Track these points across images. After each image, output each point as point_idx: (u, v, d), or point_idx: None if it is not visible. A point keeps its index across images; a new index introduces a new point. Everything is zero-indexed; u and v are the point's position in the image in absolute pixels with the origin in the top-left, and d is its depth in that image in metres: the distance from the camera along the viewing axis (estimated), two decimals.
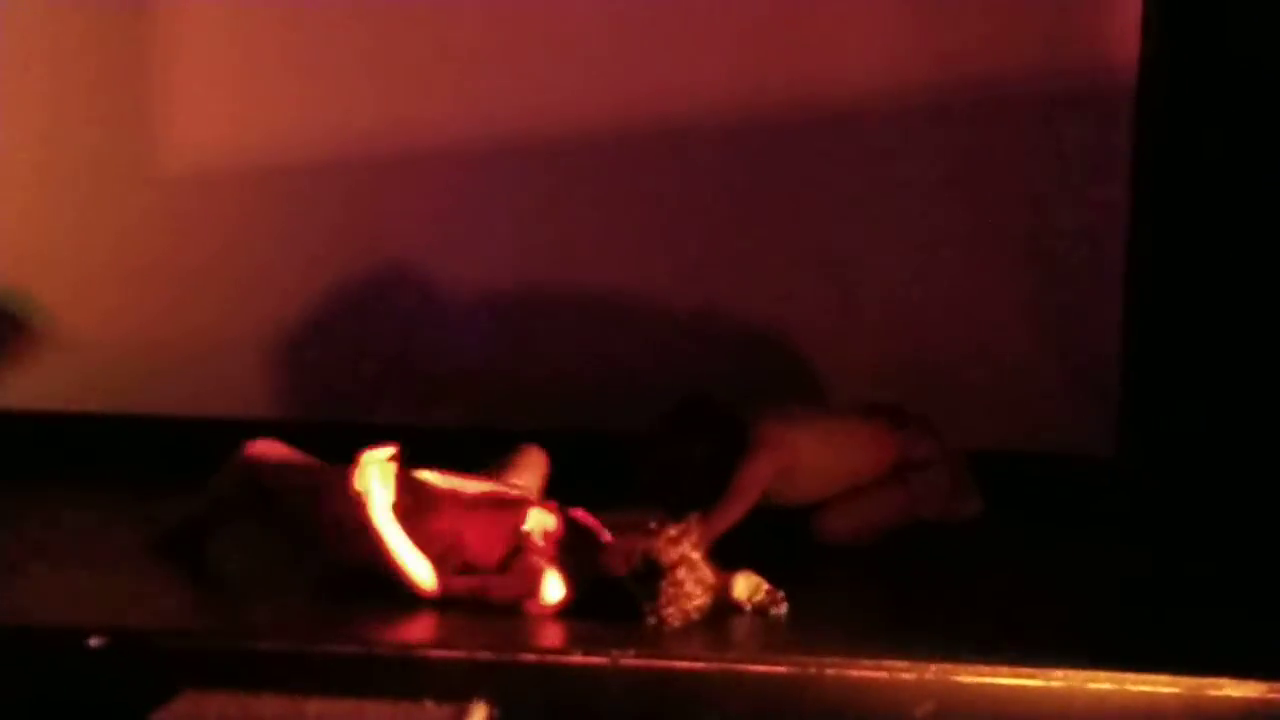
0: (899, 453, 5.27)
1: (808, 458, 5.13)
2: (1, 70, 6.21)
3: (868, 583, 4.86)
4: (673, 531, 4.25)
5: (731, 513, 4.98)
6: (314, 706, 3.70)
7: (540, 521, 4.44)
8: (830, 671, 3.89)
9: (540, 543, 4.37)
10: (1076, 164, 6.07)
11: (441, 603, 4.29)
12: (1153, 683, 3.87)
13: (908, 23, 6.02)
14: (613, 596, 4.49)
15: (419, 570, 4.29)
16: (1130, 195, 6.04)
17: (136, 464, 5.83)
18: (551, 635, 4.10)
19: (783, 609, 4.30)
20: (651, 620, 4.15)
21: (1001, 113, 6.07)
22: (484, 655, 3.90)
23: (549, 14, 6.11)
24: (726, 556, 4.44)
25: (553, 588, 4.26)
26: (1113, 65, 6.01)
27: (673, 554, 4.20)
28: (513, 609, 4.24)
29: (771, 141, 6.07)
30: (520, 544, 4.36)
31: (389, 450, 4.35)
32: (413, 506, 4.39)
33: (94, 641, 3.85)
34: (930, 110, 6.04)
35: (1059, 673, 3.87)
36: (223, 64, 6.20)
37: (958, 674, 3.88)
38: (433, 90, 6.14)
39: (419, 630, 4.13)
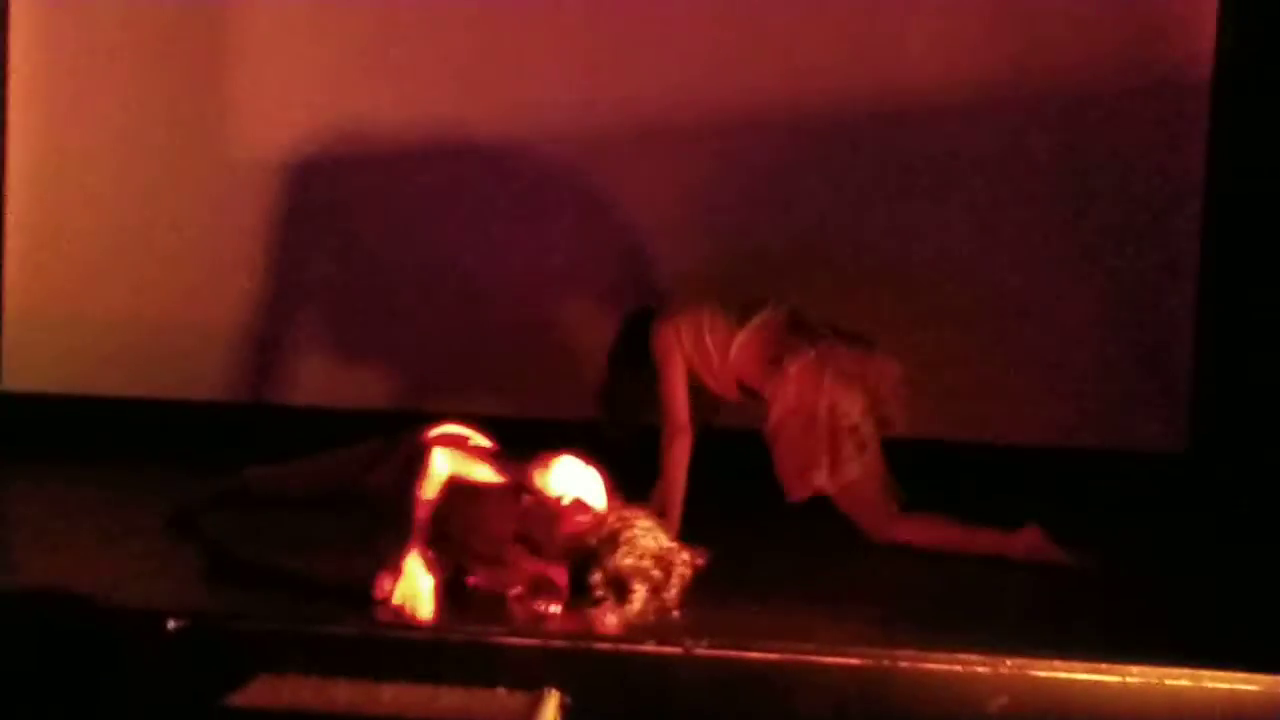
0: (777, 343, 5.09)
1: (712, 330, 5.09)
2: (81, 63, 6.28)
3: (942, 576, 4.82)
4: (606, 535, 4.01)
5: (670, 390, 5.02)
6: (388, 692, 3.72)
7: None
8: (904, 664, 3.86)
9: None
10: (1149, 157, 6.04)
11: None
12: (1231, 679, 3.82)
13: (984, 15, 6.00)
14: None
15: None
16: (1204, 188, 5.99)
17: (208, 449, 5.86)
18: (624, 623, 4.08)
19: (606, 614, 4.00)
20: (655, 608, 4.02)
21: (1074, 105, 6.04)
22: (557, 643, 3.89)
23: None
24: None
25: None
26: (1188, 57, 5.97)
27: (620, 556, 3.97)
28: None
29: (846, 132, 6.06)
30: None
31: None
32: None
33: (172, 625, 3.88)
34: (1003, 102, 6.02)
35: (1135, 669, 3.83)
36: (294, 56, 6.24)
37: (1033, 669, 3.84)
38: (492, 86, 6.17)
39: (492, 617, 4.12)
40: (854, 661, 3.87)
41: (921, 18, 6.04)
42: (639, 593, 3.95)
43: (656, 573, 3.96)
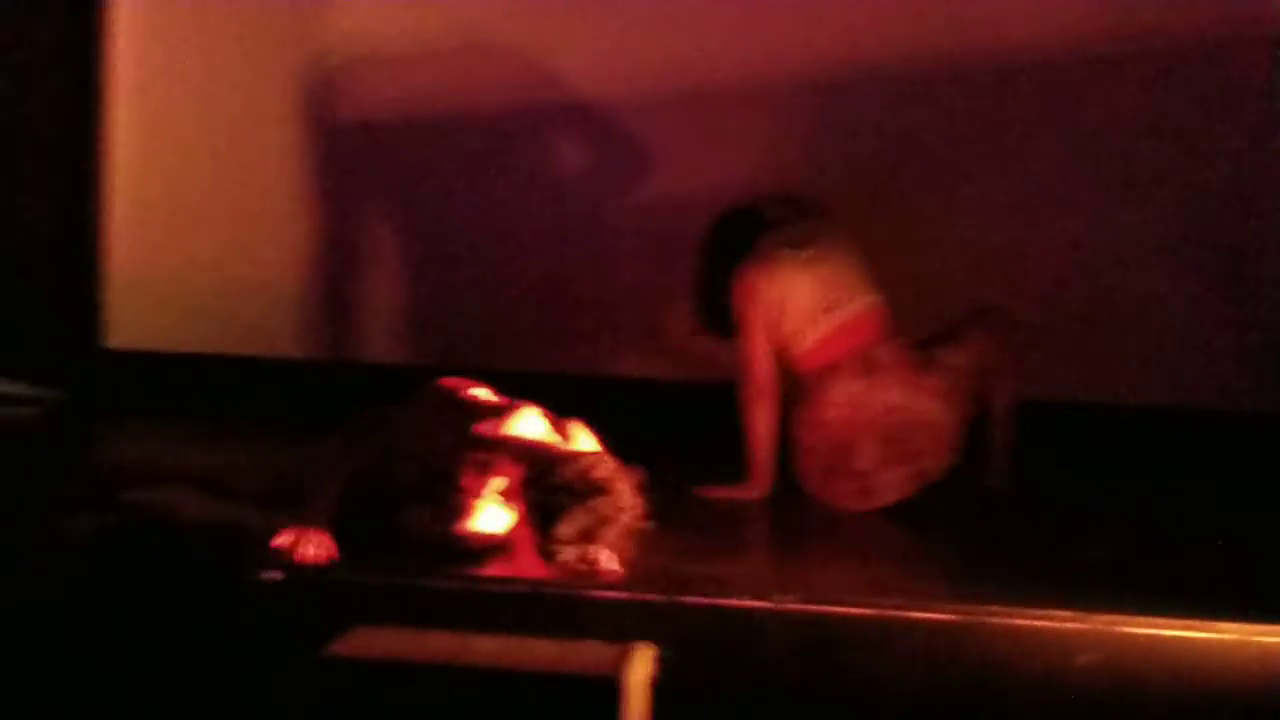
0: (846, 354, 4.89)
1: (793, 304, 4.90)
2: (177, 31, 6.41)
3: (1032, 530, 4.83)
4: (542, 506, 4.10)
5: (749, 346, 4.89)
6: (481, 643, 3.76)
7: None
8: (994, 619, 3.86)
9: None
10: (1239, 113, 5.96)
11: None
12: None
13: None
14: (773, 540, 4.53)
15: None
16: None
17: (288, 406, 5.96)
18: (715, 577, 4.12)
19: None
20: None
21: (1160, 58, 5.98)
22: (650, 596, 3.93)
23: None
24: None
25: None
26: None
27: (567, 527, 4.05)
28: None
29: (933, 89, 6.04)
30: None
31: None
32: None
33: (270, 576, 3.96)
34: (1087, 58, 5.96)
35: (1228, 625, 3.81)
36: (381, 20, 6.30)
37: (1124, 625, 3.83)
38: (587, 47, 6.20)
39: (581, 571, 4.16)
40: (943, 617, 3.87)
41: None
42: (606, 531, 4.01)
43: (604, 509, 4.02)
